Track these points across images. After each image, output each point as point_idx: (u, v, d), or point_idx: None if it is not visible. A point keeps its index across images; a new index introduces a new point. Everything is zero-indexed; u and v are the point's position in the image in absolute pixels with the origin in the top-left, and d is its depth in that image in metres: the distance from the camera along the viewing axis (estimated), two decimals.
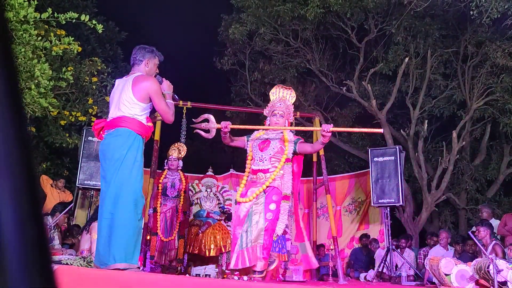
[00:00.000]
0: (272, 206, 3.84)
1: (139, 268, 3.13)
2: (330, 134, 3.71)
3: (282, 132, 4.07)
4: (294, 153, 4.01)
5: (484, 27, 8.53)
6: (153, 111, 3.49)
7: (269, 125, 4.07)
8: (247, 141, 4.16)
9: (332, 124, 3.79)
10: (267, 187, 3.89)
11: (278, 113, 4.04)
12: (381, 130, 4.12)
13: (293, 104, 4.27)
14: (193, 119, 4.10)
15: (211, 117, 3.97)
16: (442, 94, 9.91)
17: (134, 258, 3.06)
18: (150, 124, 3.35)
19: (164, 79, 3.51)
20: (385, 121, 9.90)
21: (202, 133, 3.96)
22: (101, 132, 3.37)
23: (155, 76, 3.48)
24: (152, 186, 6.52)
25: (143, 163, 3.29)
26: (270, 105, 4.17)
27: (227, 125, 3.93)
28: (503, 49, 8.50)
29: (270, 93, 4.28)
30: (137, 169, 3.19)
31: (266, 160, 3.94)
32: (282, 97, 4.20)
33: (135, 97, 3.25)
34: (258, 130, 4.14)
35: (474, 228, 5.82)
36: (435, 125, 11.06)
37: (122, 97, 3.29)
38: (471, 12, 7.37)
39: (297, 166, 4.11)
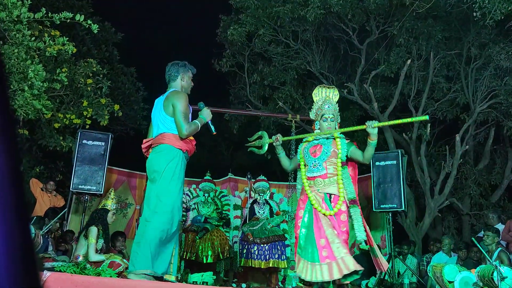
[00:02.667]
0: (343, 217, 3.71)
1: (161, 278, 3.26)
2: (376, 131, 3.61)
3: (333, 135, 3.94)
4: (347, 156, 3.87)
5: (487, 29, 8.54)
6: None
7: (319, 129, 3.95)
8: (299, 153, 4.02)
9: (376, 121, 3.66)
10: (329, 195, 3.76)
11: (328, 117, 3.91)
12: (426, 117, 4.01)
13: (336, 103, 4.11)
14: (248, 138, 4.35)
15: (265, 134, 4.23)
16: (445, 97, 9.91)
17: (156, 266, 3.22)
18: (191, 137, 3.59)
19: (207, 107, 3.75)
20: None
21: (255, 150, 4.21)
22: (149, 150, 3.69)
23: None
24: (143, 194, 6.53)
25: (183, 177, 3.53)
26: (316, 107, 4.03)
27: (277, 138, 4.02)
28: (506, 51, 8.51)
29: (313, 94, 4.17)
30: (175, 182, 3.42)
31: (320, 165, 3.80)
32: (326, 97, 4.07)
33: (166, 113, 3.53)
34: (307, 137, 4.02)
35: (481, 234, 5.80)
36: (438, 128, 11.06)
37: (160, 115, 3.59)
38: (474, 14, 7.38)
39: (352, 169, 3.94)
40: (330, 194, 3.75)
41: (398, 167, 7.20)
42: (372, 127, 3.59)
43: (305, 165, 3.92)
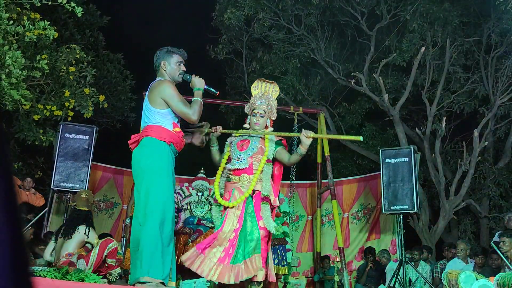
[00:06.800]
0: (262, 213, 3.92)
1: (162, 283, 3.30)
2: (308, 142, 3.83)
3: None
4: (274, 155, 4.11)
5: (509, 14, 8.55)
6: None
7: (249, 124, 4.20)
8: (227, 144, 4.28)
9: (311, 132, 3.88)
10: (252, 191, 3.95)
11: (258, 112, 4.14)
12: (359, 138, 4.07)
13: (275, 99, 4.36)
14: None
15: (207, 124, 4.20)
16: (462, 88, 9.93)
17: (157, 272, 3.25)
18: (178, 129, 3.61)
19: (194, 75, 3.79)
20: (398, 118, 9.92)
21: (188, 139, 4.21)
22: None
23: (183, 75, 3.78)
24: (131, 193, 6.56)
25: (172, 172, 3.53)
26: (251, 101, 4.28)
27: (216, 129, 4.13)
28: None
29: (251, 88, 4.39)
30: (164, 177, 3.44)
31: (244, 159, 4.01)
32: (264, 92, 4.30)
33: (151, 105, 3.57)
34: (240, 133, 4.23)
35: (496, 237, 5.83)
36: (455, 123, 11.09)
37: (145, 107, 3.65)
38: None
39: (278, 168, 4.17)
40: (254, 191, 3.96)
41: (410, 165, 7.22)
42: (306, 136, 3.80)
43: (229, 159, 4.15)
